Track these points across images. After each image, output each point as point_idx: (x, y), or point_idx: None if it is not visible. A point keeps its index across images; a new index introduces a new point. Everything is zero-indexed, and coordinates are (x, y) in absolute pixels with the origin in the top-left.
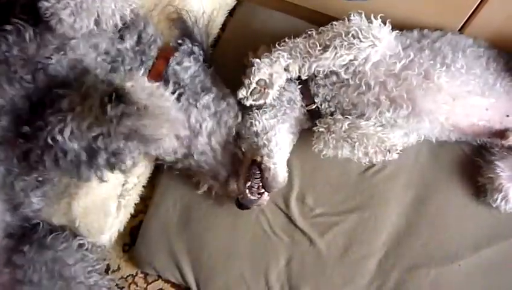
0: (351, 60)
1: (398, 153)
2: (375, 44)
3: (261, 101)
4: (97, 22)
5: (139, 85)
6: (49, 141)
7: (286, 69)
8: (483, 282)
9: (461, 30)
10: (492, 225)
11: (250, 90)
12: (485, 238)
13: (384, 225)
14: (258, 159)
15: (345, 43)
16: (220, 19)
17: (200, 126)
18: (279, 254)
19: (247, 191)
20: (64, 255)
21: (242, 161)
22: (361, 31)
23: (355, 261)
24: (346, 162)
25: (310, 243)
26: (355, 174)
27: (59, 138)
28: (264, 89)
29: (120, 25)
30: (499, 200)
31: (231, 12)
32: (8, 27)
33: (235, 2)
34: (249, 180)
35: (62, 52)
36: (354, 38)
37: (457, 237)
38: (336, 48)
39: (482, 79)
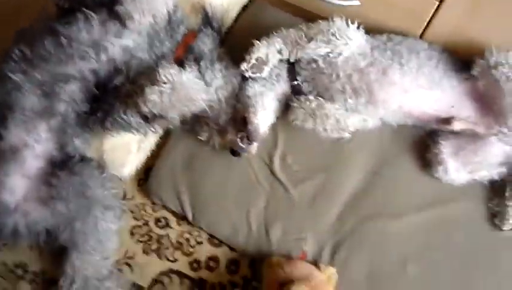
0: (328, 52)
1: (349, 133)
2: (348, 43)
3: (258, 74)
4: (154, 17)
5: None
6: (116, 118)
7: (279, 52)
8: (419, 236)
9: (421, 36)
10: (433, 192)
11: (250, 65)
12: (426, 202)
13: (347, 183)
14: (246, 115)
15: (325, 38)
16: (233, 13)
17: (212, 81)
18: (260, 198)
19: (238, 140)
20: (88, 180)
21: (236, 117)
22: (339, 31)
23: (320, 210)
24: None
25: (285, 192)
26: (328, 142)
27: (124, 117)
28: (261, 65)
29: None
30: (440, 172)
31: (244, 8)
32: (79, 15)
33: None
34: (240, 131)
35: (118, 38)
36: (332, 36)
37: (404, 200)
38: (317, 41)
39: (430, 77)
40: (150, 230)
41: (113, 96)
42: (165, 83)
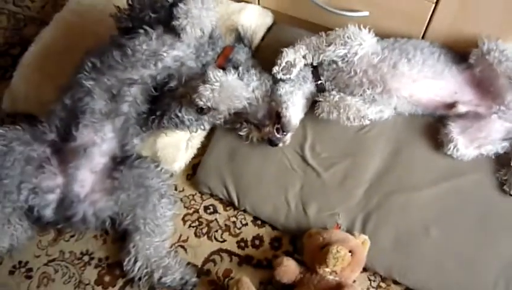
0: (345, 53)
1: (369, 120)
2: (361, 43)
3: (287, 76)
4: (202, 31)
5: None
6: (172, 116)
7: (304, 57)
8: (438, 205)
9: (423, 37)
10: (446, 167)
11: (280, 68)
12: (440, 176)
13: (370, 166)
14: (279, 110)
15: (342, 41)
16: (260, 33)
17: (249, 83)
18: (296, 181)
19: (275, 131)
20: (146, 172)
21: (272, 112)
22: (353, 35)
23: (348, 189)
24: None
25: (317, 175)
26: (352, 132)
27: (179, 114)
28: (290, 68)
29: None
30: (451, 149)
31: (268, 30)
32: (141, 30)
33: (272, 23)
34: (275, 124)
35: (172, 49)
36: (348, 38)
37: (421, 176)
38: (336, 44)
39: (433, 68)
40: (200, 217)
41: (170, 98)
42: (214, 82)
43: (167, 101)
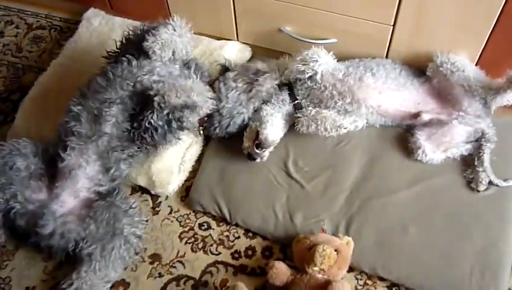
0: (305, 71)
1: (345, 129)
2: (318, 60)
3: None
4: (174, 53)
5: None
6: (147, 124)
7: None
8: (413, 205)
9: (386, 57)
10: (418, 171)
11: None
12: (413, 179)
13: (349, 175)
14: (258, 129)
15: (302, 58)
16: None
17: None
18: (282, 194)
19: (254, 147)
20: (121, 215)
21: (252, 131)
22: (308, 54)
23: (330, 197)
24: (324, 140)
25: (301, 187)
26: (330, 147)
27: (151, 120)
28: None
29: (185, 57)
30: (420, 155)
31: (248, 62)
32: (124, 58)
33: (250, 56)
34: (255, 141)
35: (151, 73)
36: (306, 55)
37: (396, 180)
38: (296, 63)
39: (396, 81)
40: (195, 233)
41: (146, 110)
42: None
43: (143, 114)
